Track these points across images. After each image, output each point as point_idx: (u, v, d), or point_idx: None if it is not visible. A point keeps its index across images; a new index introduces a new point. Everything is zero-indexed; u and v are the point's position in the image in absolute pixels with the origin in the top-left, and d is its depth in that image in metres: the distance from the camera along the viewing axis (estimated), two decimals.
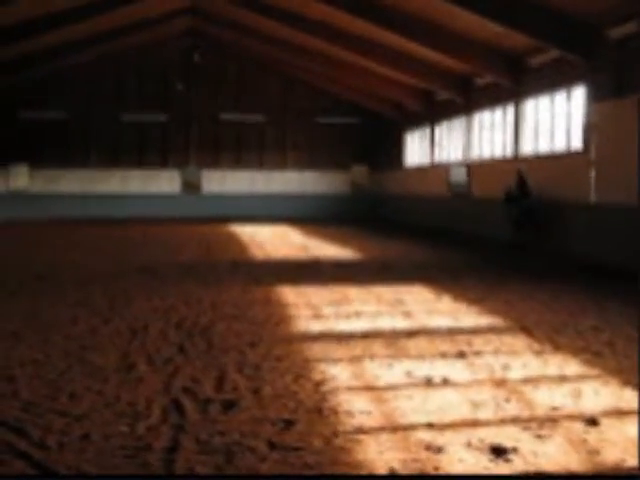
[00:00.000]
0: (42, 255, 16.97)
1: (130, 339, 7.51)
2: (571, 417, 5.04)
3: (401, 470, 4.11)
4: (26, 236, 23.72)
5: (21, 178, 34.04)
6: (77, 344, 7.26)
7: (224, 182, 35.34)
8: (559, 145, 17.94)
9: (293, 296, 10.57)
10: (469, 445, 4.48)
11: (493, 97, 21.77)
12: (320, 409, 5.19)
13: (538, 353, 6.97)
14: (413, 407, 5.24)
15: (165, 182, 35.05)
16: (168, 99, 34.74)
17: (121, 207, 34.54)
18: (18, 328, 8.06)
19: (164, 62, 34.47)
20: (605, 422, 4.93)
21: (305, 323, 8.49)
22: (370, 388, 5.78)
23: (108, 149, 34.61)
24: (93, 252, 17.74)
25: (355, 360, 6.67)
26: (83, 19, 23.75)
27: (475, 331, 8.03)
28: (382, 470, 4.11)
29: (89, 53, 30.07)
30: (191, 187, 35.17)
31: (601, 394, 5.62)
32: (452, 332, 7.95)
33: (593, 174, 15.71)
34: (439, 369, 6.33)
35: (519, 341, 7.52)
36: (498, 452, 4.36)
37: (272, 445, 4.48)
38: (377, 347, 7.20)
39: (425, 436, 4.63)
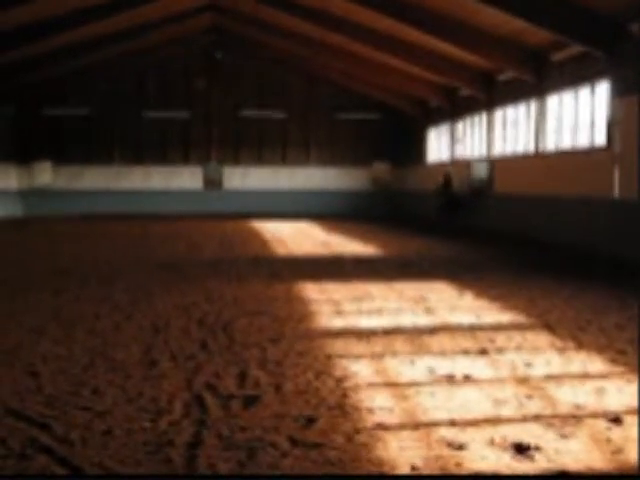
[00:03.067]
0: (65, 251, 17.09)
1: (152, 335, 7.55)
2: (594, 415, 5.00)
3: (423, 467, 4.10)
4: (49, 232, 23.91)
5: (45, 174, 34.32)
6: (100, 340, 7.31)
7: (246, 178, 35.43)
8: (582, 141, 17.81)
9: (315, 292, 10.57)
10: (491, 442, 4.46)
11: (516, 93, 21.64)
12: (342, 406, 5.18)
13: (561, 350, 6.92)
14: (435, 404, 5.22)
15: (187, 178, 35.20)
16: (190, 96, 34.86)
17: (143, 203, 34.74)
18: (42, 323, 8.13)
19: (186, 59, 34.59)
20: (629, 420, 4.88)
21: (327, 319, 8.49)
22: (392, 385, 5.76)
23: (131, 146, 34.81)
24: (115, 248, 17.85)
25: (377, 357, 6.66)
26: (105, 16, 23.88)
27: (497, 328, 8.00)
28: (404, 467, 4.10)
29: (112, 50, 30.22)
30: (213, 183, 35.28)
31: (625, 392, 5.57)
32: (474, 329, 7.91)
33: (617, 169, 15.58)
34: (461, 366, 6.30)
35: (542, 338, 7.47)
36: (521, 450, 4.34)
37: (294, 441, 4.47)
38: (399, 344, 7.18)
39: (447, 433, 4.61)
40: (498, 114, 23.46)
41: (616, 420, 4.87)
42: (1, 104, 31.35)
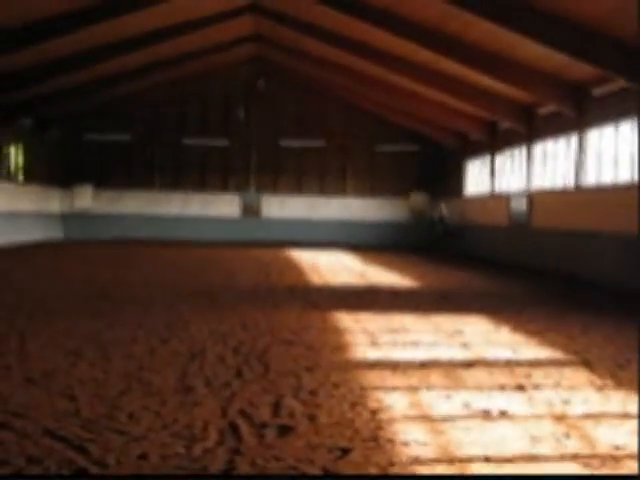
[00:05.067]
0: (104, 275, 17.27)
1: (188, 361, 7.58)
2: (634, 457, 4.90)
3: None
4: (88, 255, 24.20)
5: (85, 198, 34.83)
6: (136, 364, 7.35)
7: (284, 207, 35.61)
8: (623, 176, 17.63)
9: (350, 323, 10.55)
10: None
11: (556, 127, 21.54)
12: (376, 438, 5.15)
13: (600, 388, 6.82)
14: (470, 439, 5.16)
15: (225, 206, 35.47)
16: (230, 124, 35.24)
17: (182, 229, 35.07)
18: (79, 346, 8.21)
19: (227, 88, 35.01)
20: None
21: (362, 350, 8.46)
22: (427, 418, 5.72)
23: (170, 172, 35.24)
24: (153, 273, 17.99)
25: (412, 390, 6.62)
26: (148, 46, 24.35)
27: (534, 364, 7.90)
28: None
29: (154, 78, 30.75)
30: (251, 211, 35.50)
31: None
32: (511, 364, 7.83)
33: None
34: (497, 401, 6.23)
35: (580, 375, 7.36)
36: None
37: (327, 472, 4.45)
38: (434, 377, 7.13)
39: (482, 469, 4.56)
40: (538, 148, 23.35)
41: None
42: (46, 130, 32.01)
